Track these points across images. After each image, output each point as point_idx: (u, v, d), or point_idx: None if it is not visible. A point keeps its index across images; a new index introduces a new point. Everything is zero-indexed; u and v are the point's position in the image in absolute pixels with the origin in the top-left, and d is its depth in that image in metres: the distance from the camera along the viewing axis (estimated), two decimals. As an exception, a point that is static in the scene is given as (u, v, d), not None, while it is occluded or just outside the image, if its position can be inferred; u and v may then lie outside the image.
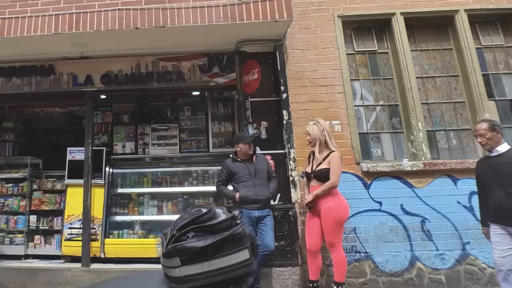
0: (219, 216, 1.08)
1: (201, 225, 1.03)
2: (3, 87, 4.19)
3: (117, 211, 4.13)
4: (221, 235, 1.01)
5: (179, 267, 1.01)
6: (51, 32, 3.68)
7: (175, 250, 1.00)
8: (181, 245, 1.00)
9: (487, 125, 2.66)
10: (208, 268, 0.99)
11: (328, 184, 3.05)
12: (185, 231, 1.03)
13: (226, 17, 3.57)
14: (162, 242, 1.13)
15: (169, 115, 4.74)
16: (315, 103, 3.86)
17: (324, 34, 4.02)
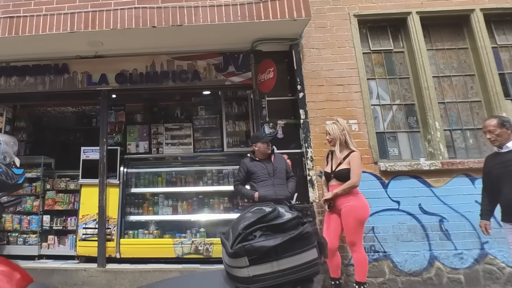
0: (284, 214, 1.06)
1: (269, 224, 1.02)
2: (16, 86, 4.15)
3: (132, 211, 4.10)
4: (291, 233, 0.99)
5: (247, 267, 0.99)
6: (67, 31, 3.65)
7: (243, 249, 0.99)
8: (250, 244, 0.99)
9: (496, 122, 2.66)
10: (277, 268, 0.98)
11: (348, 184, 3.04)
12: (251, 230, 1.02)
13: (244, 15, 3.55)
14: (222, 242, 1.12)
15: (180, 114, 4.71)
16: (331, 102, 3.85)
17: (340, 33, 4.01)
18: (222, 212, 4.06)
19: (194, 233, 3.94)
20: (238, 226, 1.06)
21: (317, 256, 1.00)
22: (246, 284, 0.98)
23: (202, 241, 3.81)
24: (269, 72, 3.95)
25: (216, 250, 3.79)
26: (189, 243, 3.80)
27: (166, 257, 3.82)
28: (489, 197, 2.81)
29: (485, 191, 2.85)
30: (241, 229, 1.01)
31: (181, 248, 3.80)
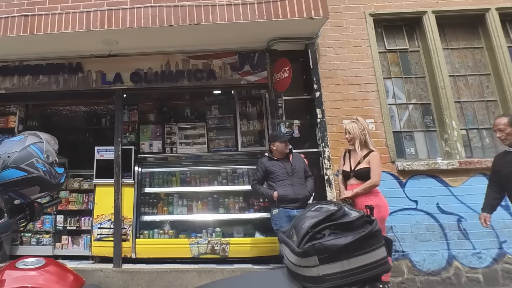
0: (349, 213, 1.05)
1: (338, 223, 1.00)
2: (30, 85, 4.12)
3: (146, 210, 4.08)
4: (361, 232, 0.98)
5: (317, 266, 0.97)
6: (83, 29, 3.63)
7: (313, 248, 0.97)
8: (320, 243, 0.97)
9: (507, 120, 2.66)
10: (347, 267, 0.96)
11: (369, 183, 3.04)
12: (320, 229, 1.00)
13: (261, 14, 3.54)
14: (285, 242, 1.10)
15: (192, 114, 4.69)
16: (348, 102, 3.84)
17: (356, 32, 4.00)
18: (238, 212, 4.04)
19: (210, 233, 3.92)
20: (303, 225, 1.05)
21: (386, 255, 0.99)
22: (315, 284, 0.96)
23: (218, 241, 3.78)
24: (284, 71, 3.93)
25: (233, 250, 3.77)
26: (205, 243, 3.78)
27: (182, 257, 3.79)
28: (494, 194, 2.84)
29: (490, 188, 2.89)
30: (308, 227, 0.99)
31: (197, 248, 3.78)
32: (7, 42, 3.82)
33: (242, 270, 3.58)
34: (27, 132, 1.45)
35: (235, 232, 4.02)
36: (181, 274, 3.57)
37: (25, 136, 1.39)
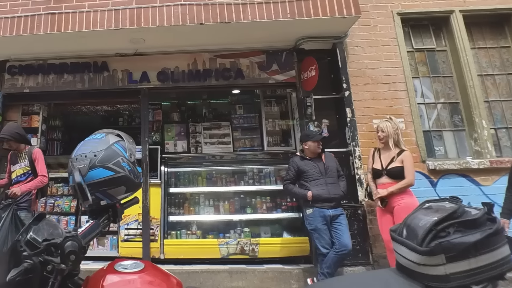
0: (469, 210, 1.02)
1: (462, 220, 0.98)
2: (54, 84, 4.07)
3: (173, 211, 4.04)
4: (487, 229, 0.96)
5: (443, 265, 0.95)
6: (111, 28, 3.59)
7: (440, 247, 0.95)
8: (447, 241, 0.95)
9: None
10: (475, 265, 0.94)
11: (405, 183, 3.04)
12: (443, 227, 0.98)
13: (293, 13, 3.52)
14: (400, 241, 1.07)
15: (220, 113, 4.66)
16: (377, 101, 3.83)
17: (384, 32, 3.99)
18: (265, 212, 4.01)
19: (239, 233, 3.89)
20: (419, 223, 1.02)
21: (510, 253, 0.97)
22: (441, 282, 0.94)
23: (248, 241, 3.75)
24: (311, 70, 3.92)
25: (262, 250, 3.74)
26: (234, 243, 3.75)
27: (211, 258, 3.76)
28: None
29: (509, 191, 2.89)
30: (431, 225, 0.97)
31: (226, 249, 3.75)
32: (33, 40, 3.78)
33: (273, 271, 3.55)
34: (103, 130, 1.41)
35: (263, 232, 3.99)
36: (212, 275, 3.53)
37: (105, 134, 1.35)
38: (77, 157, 1.24)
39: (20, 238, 1.09)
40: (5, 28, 3.70)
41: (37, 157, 3.17)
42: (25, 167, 3.20)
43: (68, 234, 0.95)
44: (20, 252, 1.07)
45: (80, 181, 1.01)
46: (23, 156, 3.22)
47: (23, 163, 3.22)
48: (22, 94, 4.11)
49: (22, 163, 3.22)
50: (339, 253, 3.09)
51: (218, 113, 4.70)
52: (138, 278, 1.05)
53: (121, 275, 1.06)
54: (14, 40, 3.79)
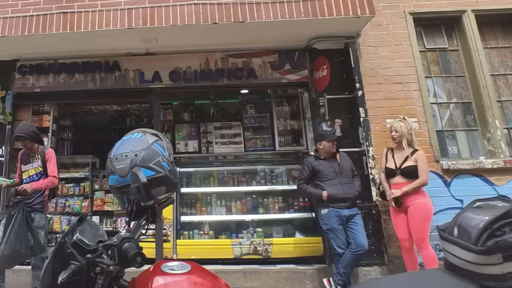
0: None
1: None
2: (65, 83, 4.05)
3: (184, 211, 4.03)
4: None
5: (500, 264, 0.94)
6: (124, 27, 3.57)
7: (496, 246, 0.94)
8: (504, 240, 0.94)
9: None
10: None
11: (419, 182, 3.04)
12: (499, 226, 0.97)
13: (307, 12, 3.51)
14: (450, 240, 1.07)
15: (231, 113, 4.65)
16: (391, 101, 3.83)
17: (396, 31, 3.99)
18: (278, 212, 4.00)
19: (251, 233, 3.88)
20: (470, 223, 1.02)
21: None
22: (498, 282, 0.94)
23: (261, 241, 3.74)
24: (323, 70, 3.91)
25: (276, 250, 3.73)
26: (247, 243, 3.74)
27: (224, 258, 3.74)
28: None
29: None
30: (486, 224, 0.96)
31: (239, 249, 3.74)
32: (44, 39, 3.76)
33: (287, 271, 3.54)
34: (139, 129, 1.39)
35: (275, 232, 3.98)
36: (226, 275, 3.52)
37: (143, 133, 1.33)
38: (117, 157, 1.22)
39: (66, 239, 1.08)
40: (17, 27, 3.68)
41: (50, 157, 3.12)
42: (38, 167, 3.14)
43: (124, 235, 0.94)
44: (68, 253, 1.05)
45: (146, 181, 0.99)
46: (36, 156, 3.15)
47: (35, 163, 3.15)
48: (33, 94, 4.09)
49: (35, 163, 3.15)
50: (356, 253, 3.08)
51: (229, 113, 4.69)
52: (187, 279, 1.04)
53: (170, 277, 1.04)
54: (25, 39, 3.76)
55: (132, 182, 1.00)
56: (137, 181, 0.96)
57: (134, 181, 0.98)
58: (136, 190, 0.97)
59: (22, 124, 3.27)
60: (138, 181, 0.95)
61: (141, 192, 0.97)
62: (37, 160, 3.15)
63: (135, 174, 0.97)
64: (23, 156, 3.23)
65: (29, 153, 3.18)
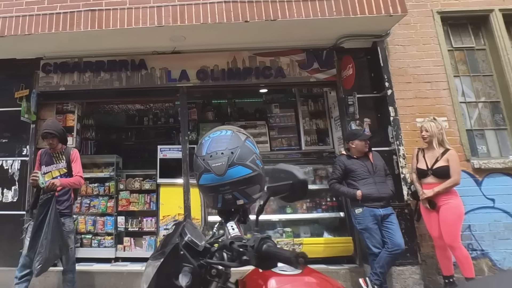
0: None
1: None
2: (91, 82, 4.00)
3: (210, 211, 3.97)
4: None
5: None
6: (154, 25, 3.53)
7: None
8: None
9: None
10: None
11: (451, 182, 3.05)
12: None
13: (339, 11, 3.48)
14: None
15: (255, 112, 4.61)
16: (420, 100, 3.82)
17: (424, 30, 3.98)
18: (305, 212, 3.97)
19: (280, 233, 3.85)
20: None
21: None
22: None
23: (290, 241, 3.71)
24: (348, 69, 3.90)
25: (305, 250, 3.61)
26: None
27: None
28: None
29: None
30: None
31: (269, 249, 3.69)
32: (70, 37, 3.71)
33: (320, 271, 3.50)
34: (222, 127, 1.36)
35: (302, 232, 3.95)
36: (258, 275, 3.48)
37: (232, 131, 1.30)
38: (212, 154, 1.18)
39: (177, 241, 1.04)
40: (43, 25, 3.63)
41: (75, 157, 2.98)
42: (62, 168, 2.96)
43: (261, 236, 0.89)
44: (180, 256, 1.01)
45: (305, 178, 0.95)
46: (60, 156, 2.97)
47: (60, 164, 2.97)
48: (58, 93, 4.04)
49: (59, 164, 2.97)
50: (392, 252, 3.06)
51: (253, 112, 4.64)
52: (305, 280, 1.00)
53: (286, 278, 1.01)
54: (51, 37, 3.71)
55: (284, 179, 0.93)
56: (293, 178, 0.90)
57: (286, 178, 0.92)
58: (289, 187, 0.91)
59: (51, 121, 3.10)
60: (295, 178, 0.89)
61: (297, 189, 0.91)
62: (62, 161, 2.97)
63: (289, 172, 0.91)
64: (44, 156, 3.01)
65: (52, 153, 2.99)
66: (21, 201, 3.83)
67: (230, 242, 0.91)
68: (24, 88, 4.04)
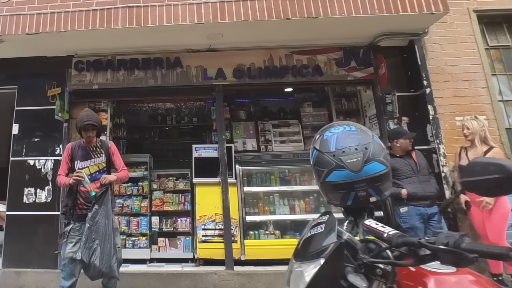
0: None
1: None
2: (125, 80, 3.94)
3: (248, 210, 3.94)
4: None
5: None
6: (194, 22, 3.48)
7: None
8: None
9: None
10: None
11: None
12: None
13: (381, 8, 3.45)
14: None
15: (287, 111, 4.57)
16: (459, 98, 3.80)
17: (461, 29, 3.97)
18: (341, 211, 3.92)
19: (319, 233, 3.80)
20: None
21: None
22: None
23: (330, 241, 3.67)
24: (381, 68, 3.89)
25: (345, 250, 3.66)
26: (317, 243, 3.66)
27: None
28: None
29: None
30: None
31: (308, 249, 3.66)
32: (106, 34, 3.65)
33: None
34: (340, 122, 1.32)
35: (339, 231, 3.91)
36: (300, 275, 3.45)
37: (355, 126, 1.26)
38: (344, 150, 1.15)
39: (342, 241, 1.00)
40: (79, 22, 3.56)
41: (115, 151, 2.78)
42: (101, 163, 2.70)
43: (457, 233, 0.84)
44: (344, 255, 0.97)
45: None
46: (97, 150, 2.71)
47: (98, 158, 2.70)
48: (90, 91, 3.97)
49: (97, 159, 2.70)
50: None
51: (285, 111, 4.61)
52: (469, 278, 0.96)
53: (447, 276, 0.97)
54: (85, 34, 3.64)
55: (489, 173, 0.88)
56: (504, 171, 0.84)
57: (493, 172, 0.87)
58: (496, 181, 0.86)
59: (90, 112, 2.79)
60: (506, 172, 0.84)
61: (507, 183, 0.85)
62: (100, 155, 2.71)
63: (498, 165, 0.86)
64: (77, 150, 2.69)
65: (88, 146, 2.70)
66: (55, 201, 3.76)
67: (418, 241, 0.86)
68: (56, 86, 3.97)
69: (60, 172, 2.67)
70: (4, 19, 3.65)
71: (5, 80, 4.08)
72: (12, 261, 3.64)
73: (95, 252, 2.35)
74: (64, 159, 2.70)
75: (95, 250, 2.35)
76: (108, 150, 2.76)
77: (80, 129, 2.66)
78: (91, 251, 2.36)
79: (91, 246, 2.36)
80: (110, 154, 2.76)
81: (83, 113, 2.75)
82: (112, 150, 2.78)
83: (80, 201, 2.59)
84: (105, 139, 3.86)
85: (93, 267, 2.32)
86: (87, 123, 2.61)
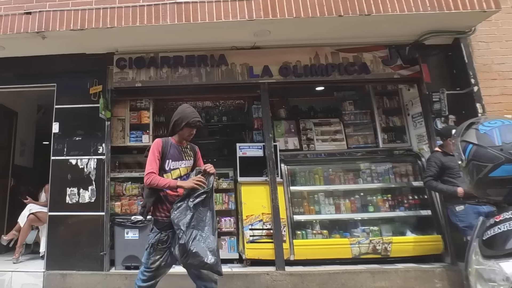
0: None
1: None
2: (168, 78, 3.87)
3: (294, 210, 3.88)
4: None
5: None
6: (245, 18, 3.43)
7: None
8: None
9: None
10: None
11: None
12: None
13: (433, 5, 3.43)
14: None
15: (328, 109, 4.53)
16: (507, 96, 3.80)
17: (506, 27, 3.97)
18: (388, 210, 3.90)
19: (367, 232, 3.78)
20: None
21: None
22: None
23: (380, 240, 3.65)
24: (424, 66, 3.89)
25: (395, 249, 3.64)
26: (366, 242, 3.63)
27: (341, 258, 3.63)
28: None
29: None
30: None
31: (358, 248, 3.63)
32: (151, 31, 3.58)
33: (415, 270, 3.46)
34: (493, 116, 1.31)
35: (384, 231, 3.89)
36: (354, 275, 3.42)
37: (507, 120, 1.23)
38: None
39: None
40: (126, 18, 3.48)
41: (200, 157, 2.53)
42: (189, 166, 2.41)
43: None
44: None
45: None
46: (188, 152, 2.42)
47: (188, 161, 2.40)
48: (132, 89, 3.90)
49: (188, 161, 2.40)
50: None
51: (326, 110, 4.57)
52: None
53: None
54: (131, 31, 3.57)
55: None
56: None
57: None
58: None
59: (191, 108, 2.42)
60: None
61: None
62: (190, 158, 2.42)
63: None
64: (170, 148, 2.33)
65: (181, 146, 2.39)
66: (99, 201, 3.68)
67: None
68: (97, 84, 3.89)
69: (152, 169, 2.20)
70: (47, 14, 3.56)
71: (44, 77, 3.98)
72: (57, 263, 3.55)
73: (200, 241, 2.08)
74: (154, 156, 2.25)
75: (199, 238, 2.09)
76: (196, 154, 2.50)
77: (184, 126, 2.31)
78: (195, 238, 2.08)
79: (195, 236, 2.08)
80: (197, 158, 2.50)
81: (187, 109, 2.40)
82: (199, 155, 2.53)
83: (166, 206, 2.25)
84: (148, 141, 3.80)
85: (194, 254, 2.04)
86: (197, 119, 2.32)
